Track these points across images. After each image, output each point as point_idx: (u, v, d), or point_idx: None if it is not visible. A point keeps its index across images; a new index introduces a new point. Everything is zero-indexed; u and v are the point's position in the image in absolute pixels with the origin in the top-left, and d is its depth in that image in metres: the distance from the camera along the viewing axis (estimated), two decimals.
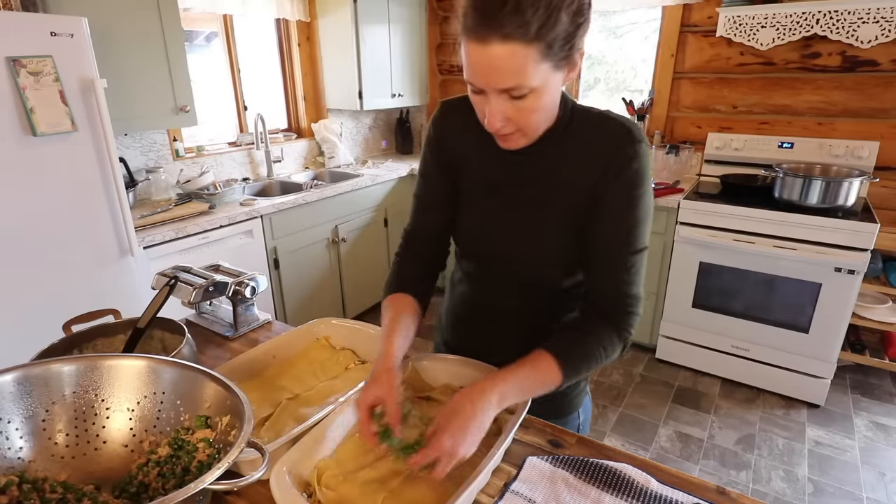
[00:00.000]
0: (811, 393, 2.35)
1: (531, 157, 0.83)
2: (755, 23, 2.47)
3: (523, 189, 0.85)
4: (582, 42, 0.70)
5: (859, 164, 2.41)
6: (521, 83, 0.67)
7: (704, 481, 0.74)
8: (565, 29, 0.65)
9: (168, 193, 2.47)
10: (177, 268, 1.18)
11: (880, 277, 2.39)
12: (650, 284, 2.64)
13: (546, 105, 0.73)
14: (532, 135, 0.78)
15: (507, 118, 0.72)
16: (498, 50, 0.64)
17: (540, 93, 0.69)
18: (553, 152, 0.82)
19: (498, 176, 0.87)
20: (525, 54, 0.64)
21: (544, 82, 0.68)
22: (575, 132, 0.80)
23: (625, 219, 0.79)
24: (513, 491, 0.71)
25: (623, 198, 0.78)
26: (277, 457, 0.68)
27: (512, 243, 0.88)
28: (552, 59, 0.66)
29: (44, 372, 0.71)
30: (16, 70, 1.48)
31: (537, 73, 0.66)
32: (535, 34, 0.63)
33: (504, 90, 0.68)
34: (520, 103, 0.70)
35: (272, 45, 3.18)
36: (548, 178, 0.83)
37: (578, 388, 1.00)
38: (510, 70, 0.65)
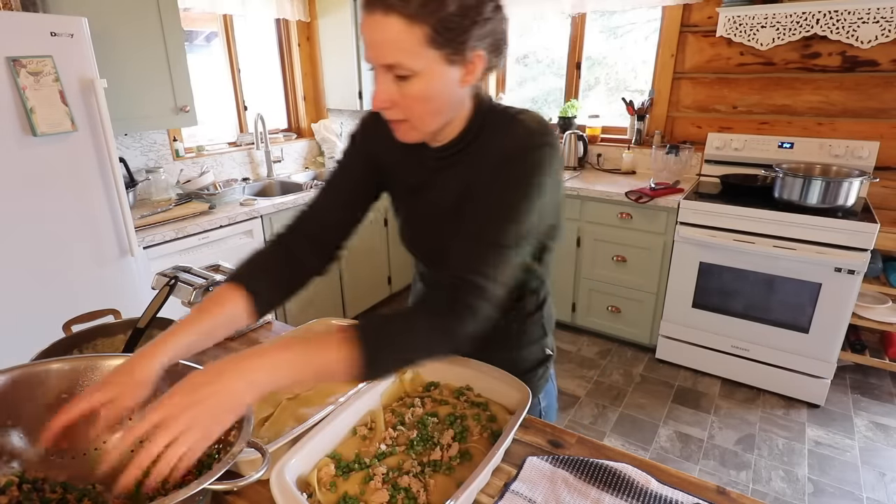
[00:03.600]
0: (811, 393, 2.35)
1: (446, 160, 0.83)
2: (755, 23, 2.47)
3: (438, 192, 0.85)
4: (481, 44, 0.70)
5: (859, 164, 2.41)
6: (401, 60, 0.67)
7: (704, 481, 0.74)
8: (454, 18, 0.66)
9: (168, 193, 2.47)
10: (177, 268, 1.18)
11: (880, 277, 2.39)
12: (650, 285, 2.64)
13: (434, 97, 0.71)
14: (422, 128, 0.76)
15: (392, 101, 0.71)
16: (380, 21, 0.66)
17: (425, 80, 0.69)
18: (466, 156, 0.81)
19: (418, 179, 0.88)
20: (407, 31, 0.65)
21: (430, 70, 0.68)
22: (487, 135, 0.79)
23: (487, 206, 0.74)
24: (513, 491, 0.71)
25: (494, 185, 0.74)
26: (277, 457, 0.68)
27: (430, 244, 0.90)
28: (441, 47, 0.67)
29: (43, 372, 0.71)
30: (16, 70, 1.48)
31: (420, 56, 0.67)
32: (418, 12, 0.64)
33: (387, 66, 0.68)
34: (405, 86, 0.70)
35: (272, 45, 3.18)
36: (459, 181, 0.82)
37: (537, 374, 1.00)
38: (389, 43, 0.66)
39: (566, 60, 3.26)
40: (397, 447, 0.77)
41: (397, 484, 0.70)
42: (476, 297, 0.70)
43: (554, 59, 3.42)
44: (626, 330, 2.82)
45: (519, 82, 3.63)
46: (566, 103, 3.25)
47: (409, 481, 0.70)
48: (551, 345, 1.04)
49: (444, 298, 0.70)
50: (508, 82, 3.58)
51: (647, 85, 3.03)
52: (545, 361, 1.03)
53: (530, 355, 1.00)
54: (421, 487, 0.70)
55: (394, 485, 0.70)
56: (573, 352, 2.85)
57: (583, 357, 2.80)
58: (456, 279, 0.71)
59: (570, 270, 2.88)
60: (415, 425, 0.81)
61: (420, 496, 0.69)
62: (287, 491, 0.63)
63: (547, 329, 1.02)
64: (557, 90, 3.42)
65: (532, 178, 0.73)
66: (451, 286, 0.71)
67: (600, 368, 2.70)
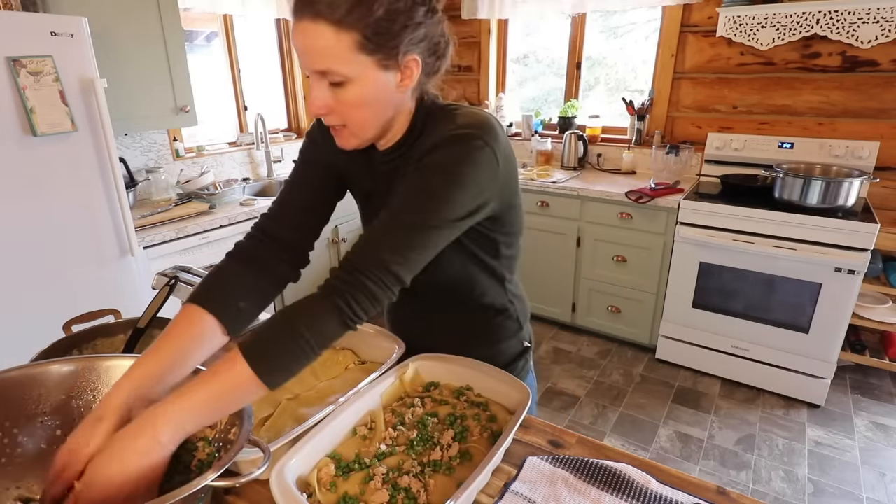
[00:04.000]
0: (811, 393, 2.35)
1: (392, 164, 0.83)
2: (755, 23, 2.47)
3: (388, 196, 0.79)
4: (415, 49, 0.70)
5: (859, 165, 2.41)
6: (331, 67, 0.67)
7: (704, 481, 0.74)
8: (383, 24, 0.66)
9: (168, 193, 2.47)
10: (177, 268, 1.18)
11: (880, 277, 2.39)
12: (650, 285, 2.64)
13: (369, 102, 0.71)
14: (361, 134, 0.76)
15: (329, 107, 0.71)
16: (309, 28, 0.66)
17: (359, 86, 0.69)
18: (408, 158, 0.80)
19: (369, 184, 0.88)
20: (335, 37, 0.65)
21: (363, 76, 0.68)
22: (429, 135, 0.77)
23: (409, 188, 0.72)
24: (513, 491, 0.71)
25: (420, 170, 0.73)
26: (277, 457, 0.68)
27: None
28: (372, 53, 0.67)
29: (43, 372, 0.71)
30: (16, 70, 1.48)
31: (352, 63, 0.67)
32: (344, 18, 0.64)
33: (319, 72, 0.68)
34: (340, 93, 0.70)
35: (272, 45, 3.18)
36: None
37: (517, 367, 1.01)
38: (318, 50, 0.66)
39: (566, 60, 3.26)
40: (397, 447, 0.77)
41: (397, 484, 0.70)
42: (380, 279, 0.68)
43: (554, 59, 3.42)
44: (626, 330, 2.82)
45: (519, 82, 3.63)
46: (566, 103, 3.25)
47: (409, 481, 0.70)
48: (528, 336, 1.05)
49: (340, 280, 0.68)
50: (508, 82, 3.58)
51: (647, 85, 3.03)
52: (524, 353, 1.04)
53: (508, 349, 1.01)
54: (421, 487, 0.70)
55: (394, 485, 0.70)
56: (573, 352, 2.85)
57: (583, 357, 2.80)
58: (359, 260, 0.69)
59: (570, 270, 2.88)
60: (415, 425, 0.81)
61: (420, 496, 0.69)
62: (287, 491, 0.63)
63: (522, 321, 1.02)
64: (557, 90, 3.42)
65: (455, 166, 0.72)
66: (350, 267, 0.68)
67: (600, 368, 2.70)
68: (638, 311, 2.74)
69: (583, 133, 3.12)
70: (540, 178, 2.87)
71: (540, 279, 2.99)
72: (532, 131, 3.38)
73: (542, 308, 3.06)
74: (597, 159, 3.18)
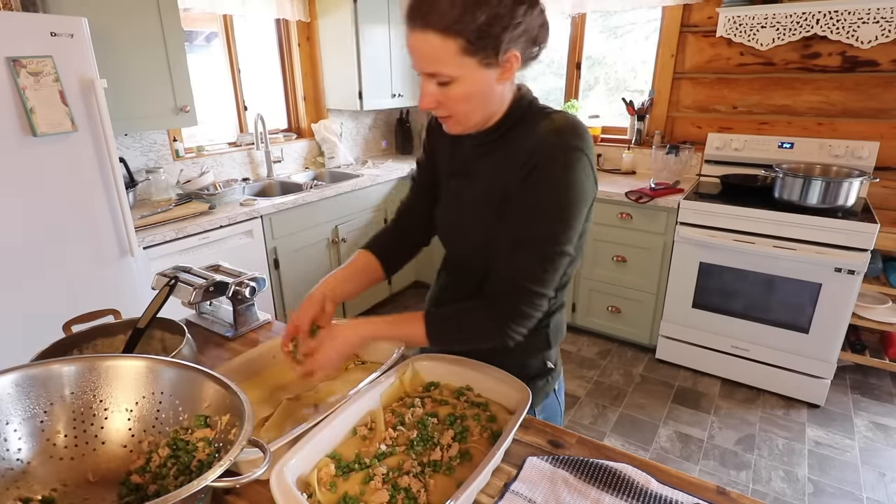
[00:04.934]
0: (811, 393, 2.34)
1: (483, 147, 0.89)
2: (755, 23, 2.47)
3: (472, 179, 0.91)
4: (515, 45, 0.76)
5: (859, 165, 2.41)
6: (439, 70, 0.75)
7: (704, 481, 0.74)
8: (485, 29, 0.72)
9: (168, 193, 2.47)
10: (177, 268, 1.18)
11: (880, 277, 2.39)
12: (650, 285, 2.64)
13: (473, 97, 0.79)
14: (465, 122, 0.83)
15: (437, 102, 0.80)
16: (419, 37, 0.74)
17: (464, 84, 0.76)
18: (503, 146, 0.86)
19: (459, 166, 0.94)
20: (441, 45, 0.72)
21: (467, 75, 0.76)
22: (525, 129, 0.84)
23: (529, 210, 0.80)
24: (513, 491, 0.71)
25: (532, 189, 0.79)
26: (277, 457, 0.68)
27: (460, 231, 0.95)
28: (475, 55, 0.74)
29: (43, 372, 0.71)
30: (16, 70, 1.48)
31: (457, 65, 0.74)
32: (450, 27, 0.71)
33: (428, 74, 0.77)
34: (446, 90, 0.77)
35: (272, 46, 3.18)
36: (491, 170, 0.88)
37: (535, 386, 0.97)
38: (427, 56, 0.75)
39: (566, 60, 3.26)
40: (397, 447, 0.77)
41: (397, 484, 0.70)
42: (532, 302, 0.81)
43: (554, 59, 3.42)
44: (626, 330, 2.82)
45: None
46: (566, 103, 3.25)
47: (409, 481, 0.70)
48: (554, 358, 1.02)
49: (501, 302, 0.82)
50: None
51: (647, 85, 3.03)
52: (545, 374, 1.00)
53: (529, 366, 0.98)
54: (421, 487, 0.70)
55: (394, 485, 0.70)
56: (573, 352, 2.85)
57: (583, 357, 2.80)
58: (513, 285, 0.81)
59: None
60: (415, 425, 0.81)
61: (420, 496, 0.69)
62: (287, 491, 0.63)
63: (552, 341, 0.99)
64: (557, 90, 3.42)
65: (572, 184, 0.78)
66: (507, 291, 0.81)
67: (600, 368, 2.70)
68: (638, 311, 2.74)
69: None
70: None
71: None
72: None
73: None
74: (597, 159, 3.17)
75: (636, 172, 3.01)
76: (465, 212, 0.92)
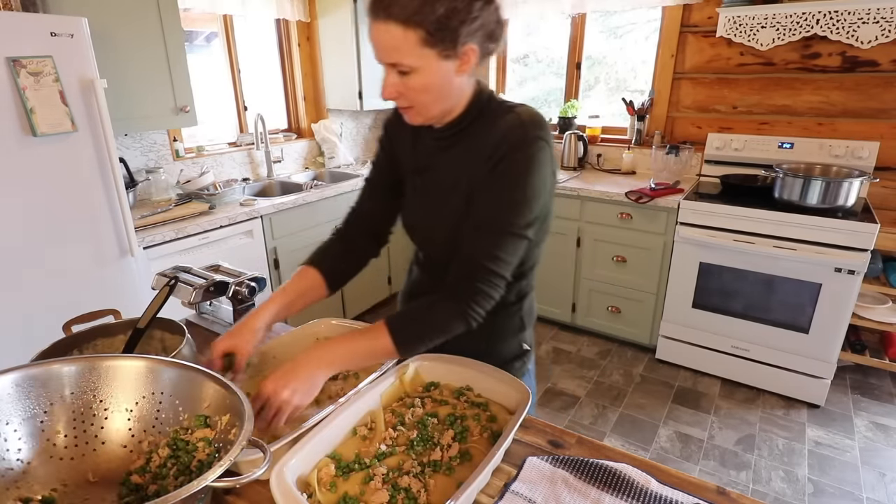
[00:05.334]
0: (811, 393, 2.34)
1: (445, 141, 0.92)
2: (755, 23, 2.47)
3: (436, 173, 0.94)
4: (472, 39, 0.79)
5: (859, 165, 2.41)
6: (400, 60, 0.78)
7: (704, 481, 0.74)
8: (444, 21, 0.75)
9: (168, 194, 2.47)
10: (177, 268, 1.18)
11: (880, 277, 2.39)
12: (650, 285, 2.64)
13: (433, 88, 0.81)
14: (425, 113, 0.86)
15: (398, 92, 0.82)
16: (381, 28, 0.77)
17: (423, 74, 0.79)
18: (464, 140, 0.90)
19: (422, 161, 0.96)
20: (402, 36, 0.75)
21: (427, 66, 0.78)
22: (485, 123, 0.88)
23: (495, 200, 0.84)
24: (513, 491, 0.71)
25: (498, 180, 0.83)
26: (277, 457, 0.68)
27: (429, 226, 0.97)
28: (434, 46, 0.77)
29: (42, 373, 0.71)
30: (16, 70, 1.48)
31: (417, 55, 0.77)
32: (411, 18, 0.74)
33: (390, 64, 0.79)
34: (406, 80, 0.80)
35: (272, 45, 3.18)
36: (454, 164, 0.91)
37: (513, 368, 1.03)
38: (389, 46, 0.77)
39: (566, 60, 3.26)
40: (397, 447, 0.77)
41: (397, 484, 0.70)
42: (489, 281, 0.84)
43: (554, 59, 3.42)
44: (626, 330, 2.82)
45: (519, 82, 3.63)
46: (566, 103, 3.25)
47: (409, 481, 0.70)
48: (530, 340, 1.08)
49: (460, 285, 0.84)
50: (508, 82, 3.58)
51: (647, 85, 3.03)
52: (522, 356, 1.06)
53: (507, 348, 1.04)
54: (421, 488, 0.70)
55: (394, 485, 0.70)
56: (573, 352, 2.85)
57: (583, 357, 2.80)
58: (471, 265, 0.84)
59: (570, 270, 2.88)
60: (415, 425, 0.81)
61: (420, 496, 0.69)
62: (287, 491, 0.63)
63: (526, 323, 1.05)
64: (557, 90, 3.42)
65: (530, 170, 0.83)
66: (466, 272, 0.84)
67: (600, 369, 2.70)
68: (638, 311, 2.74)
69: (583, 133, 3.12)
70: None
71: (540, 279, 2.97)
72: None
73: (542, 308, 3.06)
74: (597, 159, 3.18)
75: (636, 172, 3.01)
76: (432, 206, 0.95)
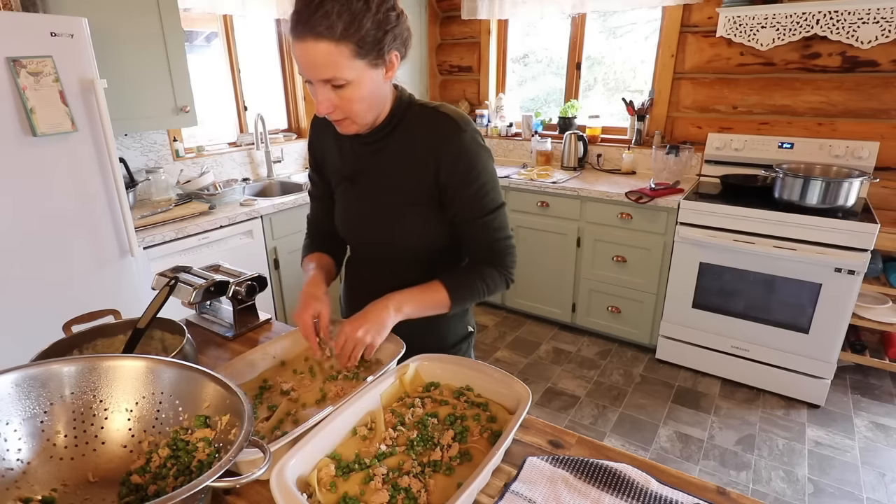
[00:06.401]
0: (811, 393, 2.34)
1: (374, 146, 0.98)
2: (755, 23, 2.47)
3: (373, 176, 1.00)
4: (394, 45, 0.85)
5: (859, 165, 2.41)
6: (336, 75, 0.81)
7: (704, 482, 0.74)
8: (372, 34, 0.80)
9: (168, 194, 2.47)
10: (177, 268, 1.18)
11: (880, 277, 2.39)
12: (650, 285, 2.64)
13: (366, 96, 0.86)
14: (360, 122, 0.90)
15: (333, 105, 0.85)
16: (312, 46, 0.79)
17: (358, 85, 0.83)
18: (393, 142, 0.96)
19: (352, 167, 1.02)
20: (336, 51, 0.79)
21: (360, 76, 0.83)
22: (411, 124, 0.95)
23: (474, 194, 0.95)
24: (513, 491, 0.71)
25: (465, 179, 0.93)
26: (277, 457, 0.68)
27: (369, 226, 1.03)
28: (364, 57, 0.82)
29: (43, 373, 0.71)
30: (16, 70, 1.48)
31: (350, 68, 0.81)
32: (341, 35, 0.78)
33: (325, 80, 0.82)
34: (341, 92, 0.84)
35: (272, 45, 3.18)
36: (392, 164, 0.97)
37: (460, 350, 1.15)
38: (323, 63, 0.80)
39: (566, 60, 3.26)
40: (397, 447, 0.77)
41: (397, 484, 0.70)
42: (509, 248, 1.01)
43: (554, 59, 3.42)
44: (626, 330, 2.82)
45: (519, 82, 3.63)
46: (566, 103, 3.25)
47: (409, 482, 0.70)
48: (472, 321, 1.19)
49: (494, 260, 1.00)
50: (508, 82, 3.58)
51: (647, 85, 3.03)
52: (467, 337, 1.17)
53: (454, 331, 1.14)
54: (421, 488, 0.70)
55: (394, 485, 0.70)
56: (573, 352, 2.85)
57: (583, 357, 2.80)
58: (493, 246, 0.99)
59: (570, 270, 2.88)
60: (415, 426, 0.81)
61: (420, 496, 0.69)
62: (287, 491, 0.63)
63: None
64: (557, 90, 3.42)
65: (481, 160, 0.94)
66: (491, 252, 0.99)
67: (600, 369, 2.70)
68: (638, 311, 2.74)
69: (583, 133, 3.12)
70: (540, 179, 2.87)
71: (540, 279, 3.00)
72: (532, 131, 3.38)
73: (542, 308, 3.06)
74: (597, 159, 3.18)
75: (636, 172, 3.01)
76: (370, 208, 1.01)
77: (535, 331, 3.07)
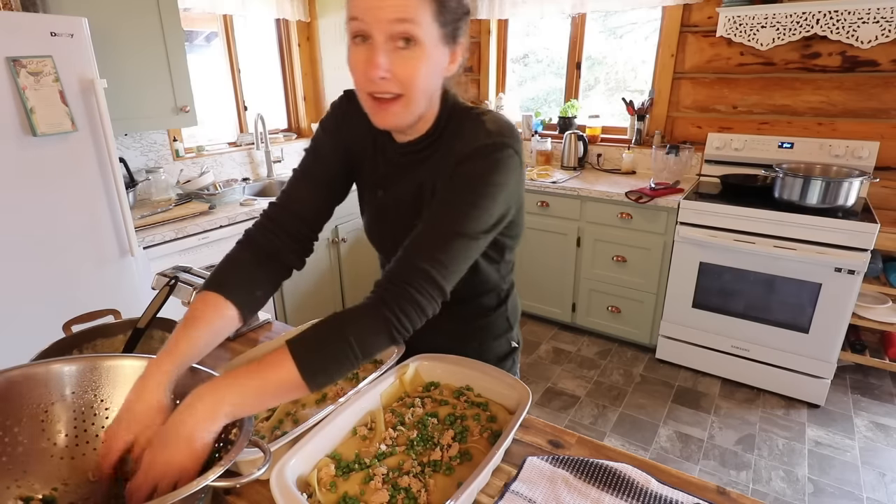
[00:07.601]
0: (811, 393, 2.35)
1: (409, 157, 0.86)
2: (755, 23, 2.47)
3: (404, 186, 0.87)
4: (464, 38, 0.77)
5: (859, 165, 2.41)
6: (410, 18, 0.67)
7: (704, 481, 0.74)
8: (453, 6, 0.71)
9: (168, 194, 2.47)
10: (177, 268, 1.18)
11: (880, 277, 2.39)
12: (650, 285, 2.64)
13: (428, 74, 0.73)
14: (412, 106, 0.75)
15: (390, 72, 0.70)
16: None
17: (425, 52, 0.70)
18: (428, 155, 0.84)
19: (382, 173, 0.90)
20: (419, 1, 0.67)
21: (431, 45, 0.71)
22: (452, 132, 0.82)
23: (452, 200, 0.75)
24: (513, 491, 0.71)
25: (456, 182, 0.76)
26: (277, 457, 0.68)
27: (389, 239, 0.92)
28: (442, 26, 0.71)
29: (43, 372, 0.71)
30: (16, 70, 1.48)
31: (426, 26, 0.69)
32: None
33: (389, 31, 0.68)
34: (405, 53, 0.70)
35: (272, 45, 3.18)
36: (420, 179, 0.85)
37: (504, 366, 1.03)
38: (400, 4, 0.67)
39: (566, 60, 3.26)
40: (397, 447, 0.77)
41: (397, 484, 0.70)
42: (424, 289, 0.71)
43: (554, 59, 3.42)
44: (626, 330, 2.82)
45: (519, 82, 3.63)
46: (566, 103, 3.25)
47: (409, 481, 0.70)
48: (517, 337, 1.09)
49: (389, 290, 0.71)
50: (508, 82, 3.57)
51: (647, 85, 3.03)
52: (511, 353, 1.07)
53: (496, 348, 1.04)
54: (421, 487, 0.70)
55: (394, 485, 0.70)
56: (573, 352, 2.85)
57: (583, 357, 2.80)
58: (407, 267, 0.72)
59: (570, 270, 2.88)
60: (415, 425, 0.81)
61: (420, 496, 0.69)
62: (287, 491, 0.63)
63: (512, 322, 1.05)
64: (557, 90, 3.42)
65: (491, 175, 0.75)
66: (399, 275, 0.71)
67: (600, 368, 2.70)
68: (638, 311, 2.74)
69: (583, 133, 3.12)
70: (540, 178, 2.87)
71: (540, 279, 2.99)
72: (532, 131, 3.38)
73: (542, 308, 3.06)
74: (597, 159, 3.18)
75: (636, 172, 3.01)
76: (397, 221, 0.88)
77: (535, 330, 3.07)
